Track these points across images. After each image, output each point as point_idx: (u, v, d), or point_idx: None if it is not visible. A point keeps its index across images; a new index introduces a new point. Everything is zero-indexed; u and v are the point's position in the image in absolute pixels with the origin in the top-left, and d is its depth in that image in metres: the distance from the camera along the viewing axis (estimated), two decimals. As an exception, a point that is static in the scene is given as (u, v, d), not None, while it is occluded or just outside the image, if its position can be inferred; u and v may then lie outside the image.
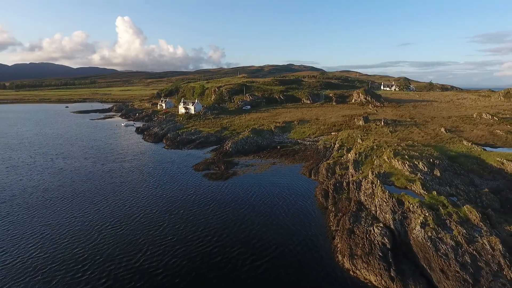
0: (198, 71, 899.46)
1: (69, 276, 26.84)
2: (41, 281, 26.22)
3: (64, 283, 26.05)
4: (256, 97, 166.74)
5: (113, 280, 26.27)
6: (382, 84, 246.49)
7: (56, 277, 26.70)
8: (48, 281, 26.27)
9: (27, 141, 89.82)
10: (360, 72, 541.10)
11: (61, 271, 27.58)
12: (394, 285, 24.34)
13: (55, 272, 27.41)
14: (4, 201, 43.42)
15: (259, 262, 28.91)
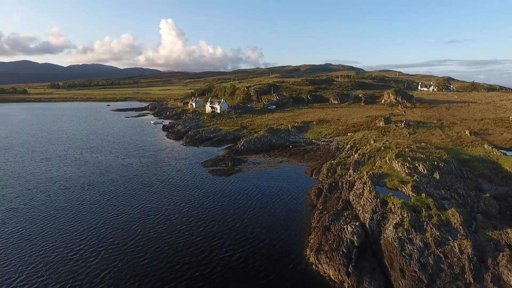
0: (235, 71, 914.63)
1: (69, 245, 30.65)
2: (46, 245, 30.25)
3: (67, 249, 29.85)
4: (283, 97, 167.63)
5: (105, 251, 29.60)
6: (420, 84, 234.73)
7: (52, 243, 30.64)
8: (49, 241, 30.25)
9: (65, 136, 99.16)
10: (401, 72, 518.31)
11: (62, 242, 31.50)
12: (349, 280, 25.03)
13: (53, 242, 31.40)
14: (30, 188, 49.33)
15: (236, 251, 30.79)
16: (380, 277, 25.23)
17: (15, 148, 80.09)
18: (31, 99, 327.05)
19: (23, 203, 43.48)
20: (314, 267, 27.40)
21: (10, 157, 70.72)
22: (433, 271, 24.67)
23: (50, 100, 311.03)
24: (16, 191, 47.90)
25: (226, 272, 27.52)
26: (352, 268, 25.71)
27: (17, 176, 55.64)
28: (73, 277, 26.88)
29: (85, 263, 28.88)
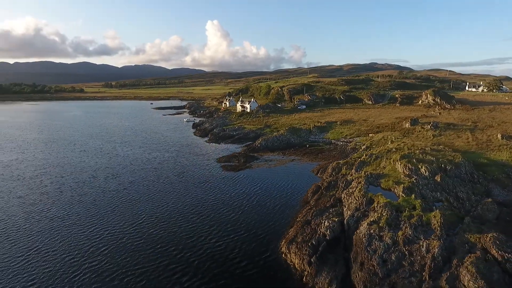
0: (277, 71, 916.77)
1: (85, 227, 35.63)
2: (65, 223, 35.46)
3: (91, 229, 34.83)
4: (315, 97, 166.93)
5: (114, 237, 34.06)
6: (468, 84, 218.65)
7: (68, 223, 35.76)
8: (69, 221, 35.39)
9: (105, 131, 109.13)
10: (452, 71, 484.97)
11: (77, 223, 36.60)
12: (309, 269, 26.56)
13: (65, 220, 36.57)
14: (63, 176, 56.36)
15: (221, 238, 33.57)
16: (341, 269, 26.43)
17: (61, 141, 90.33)
18: (86, 97, 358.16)
19: (55, 188, 50.17)
20: (284, 256, 29.26)
21: (55, 148, 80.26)
22: (392, 267, 25.39)
23: (103, 99, 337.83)
24: (52, 178, 55.10)
25: (207, 254, 30.36)
26: (315, 259, 27.19)
27: (56, 165, 63.55)
28: (87, 247, 31.51)
29: (93, 241, 33.48)
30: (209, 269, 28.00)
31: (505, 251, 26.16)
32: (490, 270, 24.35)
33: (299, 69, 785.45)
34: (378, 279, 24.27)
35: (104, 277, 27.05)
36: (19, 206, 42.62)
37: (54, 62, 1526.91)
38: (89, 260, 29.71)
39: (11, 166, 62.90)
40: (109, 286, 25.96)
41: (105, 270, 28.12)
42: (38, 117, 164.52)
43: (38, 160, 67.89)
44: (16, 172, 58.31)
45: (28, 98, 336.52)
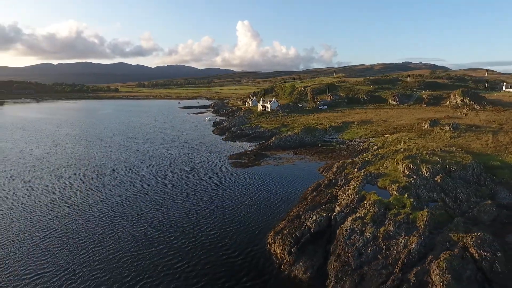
0: (305, 70, 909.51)
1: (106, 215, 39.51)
2: (86, 209, 39.50)
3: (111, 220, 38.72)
4: (338, 97, 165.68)
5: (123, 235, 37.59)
6: (505, 84, 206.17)
7: (89, 212, 39.72)
8: (88, 209, 39.39)
9: (131, 128, 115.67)
10: (492, 70, 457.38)
11: (90, 210, 40.55)
12: (288, 258, 28.19)
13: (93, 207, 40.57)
14: (86, 169, 61.46)
15: (217, 229, 35.91)
16: (319, 260, 27.83)
17: (90, 137, 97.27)
18: (120, 96, 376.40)
19: (78, 179, 55.04)
20: (269, 246, 31.06)
21: (84, 143, 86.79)
22: (366, 259, 26.46)
23: (135, 98, 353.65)
24: (76, 170, 60.30)
25: (201, 242, 32.81)
26: (295, 249, 28.77)
27: (82, 159, 69.16)
28: (96, 230, 35.19)
29: (102, 225, 37.13)
30: (199, 255, 30.42)
31: (484, 250, 26.41)
32: (463, 267, 24.79)
33: (328, 69, 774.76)
34: (350, 269, 25.49)
35: (107, 254, 30.29)
36: (44, 193, 47.54)
37: (93, 63, 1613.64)
38: (95, 240, 33.19)
39: (43, 158, 69.30)
40: (112, 262, 29.08)
41: (108, 247, 31.43)
42: (74, 114, 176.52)
43: (67, 153, 74.08)
44: (46, 164, 64.33)
45: (68, 97, 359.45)
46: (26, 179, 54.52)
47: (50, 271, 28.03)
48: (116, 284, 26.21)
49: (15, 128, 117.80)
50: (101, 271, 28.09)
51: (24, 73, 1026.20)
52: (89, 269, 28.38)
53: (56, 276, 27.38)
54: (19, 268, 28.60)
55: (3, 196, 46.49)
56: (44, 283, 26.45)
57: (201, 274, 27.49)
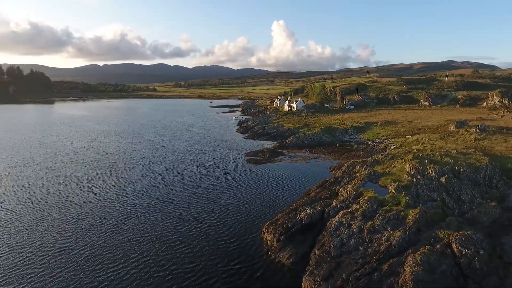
0: (341, 70, 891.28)
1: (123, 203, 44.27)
2: (114, 198, 44.47)
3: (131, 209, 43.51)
4: (367, 97, 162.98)
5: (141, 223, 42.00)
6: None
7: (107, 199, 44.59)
8: (116, 198, 44.30)
9: (162, 126, 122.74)
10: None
11: (116, 200, 45.39)
12: (276, 245, 30.45)
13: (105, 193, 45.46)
14: (115, 161, 67.45)
15: (220, 218, 38.94)
16: (304, 248, 29.78)
17: (124, 133, 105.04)
18: (157, 96, 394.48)
19: (107, 171, 60.77)
20: (262, 234, 33.46)
21: (116, 139, 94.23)
22: (347, 250, 28.04)
23: (171, 97, 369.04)
24: (107, 163, 66.40)
25: (203, 229, 35.99)
26: (284, 237, 30.95)
27: (113, 153, 75.65)
28: (115, 215, 39.78)
29: (122, 211, 41.69)
30: (200, 240, 33.52)
31: (466, 247, 26.97)
32: (439, 261, 25.63)
33: (364, 68, 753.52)
34: (329, 257, 27.27)
35: (122, 234, 34.43)
36: (76, 182, 53.45)
37: (135, 64, 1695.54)
38: (113, 222, 37.58)
39: (80, 151, 76.72)
40: (125, 240, 33.13)
41: (123, 228, 35.61)
42: (113, 112, 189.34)
43: (101, 148, 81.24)
44: (82, 157, 71.35)
45: (110, 96, 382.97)
46: (63, 169, 61.25)
47: (72, 245, 32.57)
48: (125, 256, 30.03)
49: (60, 124, 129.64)
50: (115, 246, 32.14)
51: (73, 74, 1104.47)
52: (105, 244, 32.58)
53: (77, 247, 31.84)
54: (49, 240, 33.49)
55: (43, 183, 52.98)
56: (69, 252, 30.94)
57: (198, 255, 30.58)
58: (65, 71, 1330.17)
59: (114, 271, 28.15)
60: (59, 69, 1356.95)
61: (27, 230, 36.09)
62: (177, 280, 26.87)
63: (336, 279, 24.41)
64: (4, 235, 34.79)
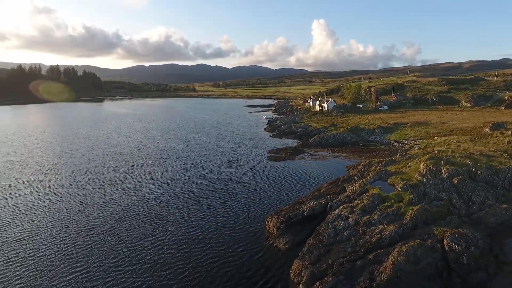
0: (383, 70, 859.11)
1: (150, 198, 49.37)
2: (139, 190, 49.77)
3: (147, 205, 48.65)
4: (403, 97, 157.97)
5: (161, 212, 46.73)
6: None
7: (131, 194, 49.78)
8: (140, 190, 49.55)
9: (194, 123, 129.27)
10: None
11: (141, 191, 50.55)
12: (275, 232, 32.97)
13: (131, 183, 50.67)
14: (148, 155, 73.59)
15: (233, 208, 42.29)
16: (301, 236, 31.96)
17: (159, 130, 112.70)
18: (196, 95, 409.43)
19: (140, 163, 66.73)
20: (266, 223, 36.11)
21: (152, 135, 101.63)
22: (340, 239, 29.85)
23: (208, 96, 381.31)
24: (140, 156, 72.67)
25: (216, 217, 39.50)
26: (283, 226, 33.37)
27: (146, 147, 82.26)
28: (139, 201, 44.78)
29: (150, 199, 46.59)
30: (210, 226, 36.91)
31: (457, 244, 27.66)
32: (427, 254, 26.65)
33: (407, 67, 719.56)
34: (321, 245, 29.32)
35: (146, 219, 38.98)
36: (112, 172, 59.71)
37: (177, 65, 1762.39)
38: (139, 207, 42.40)
39: (119, 145, 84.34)
40: (149, 224, 37.60)
41: (148, 213, 40.17)
42: (153, 110, 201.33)
43: (137, 142, 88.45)
44: (119, 150, 78.59)
45: (153, 95, 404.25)
46: (102, 161, 68.30)
47: (102, 224, 37.64)
48: (146, 233, 34.35)
49: (105, 120, 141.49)
50: (139, 226, 36.66)
51: (122, 74, 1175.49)
52: (130, 224, 37.26)
53: (106, 226, 36.81)
54: (83, 220, 38.95)
55: (84, 172, 59.87)
56: (99, 230, 35.98)
57: (206, 238, 34.04)
58: (115, 71, 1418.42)
59: (137, 244, 32.48)
60: (109, 69, 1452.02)
61: (67, 210, 41.99)
62: (184, 256, 30.50)
63: (322, 264, 26.50)
64: (48, 214, 40.89)
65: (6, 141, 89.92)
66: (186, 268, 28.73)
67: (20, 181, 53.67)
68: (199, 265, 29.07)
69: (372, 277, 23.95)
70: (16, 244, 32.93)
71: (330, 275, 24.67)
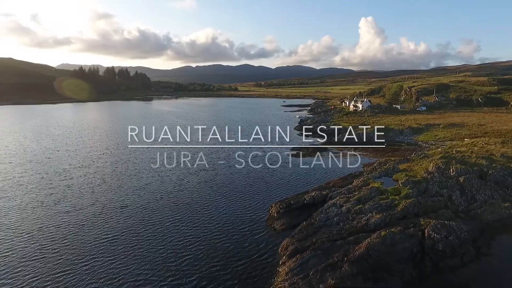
0: (435, 69, 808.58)
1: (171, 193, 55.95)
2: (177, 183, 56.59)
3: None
4: (444, 98, 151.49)
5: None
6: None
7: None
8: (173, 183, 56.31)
9: (229, 121, 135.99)
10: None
11: (171, 187, 57.20)
12: (275, 215, 37.00)
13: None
14: (180, 150, 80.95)
15: (246, 195, 47.04)
16: (297, 220, 35.51)
17: (193, 127, 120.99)
18: (237, 95, 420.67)
19: (171, 156, 74.22)
20: (270, 209, 40.22)
21: (187, 131, 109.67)
22: (329, 223, 33.17)
23: (249, 96, 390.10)
24: (174, 151, 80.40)
25: (227, 202, 44.39)
26: (283, 210, 37.27)
27: (180, 142, 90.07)
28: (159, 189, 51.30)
29: (177, 184, 53.00)
30: (223, 210, 41.83)
31: (437, 232, 29.78)
32: (404, 240, 29.14)
33: (463, 66, 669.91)
34: (311, 227, 32.89)
35: (175, 200, 45.16)
36: (147, 162, 67.56)
37: (222, 65, 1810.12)
38: (168, 190, 48.83)
39: (155, 140, 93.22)
40: (175, 205, 43.69)
41: (175, 198, 46.34)
42: (193, 109, 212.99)
43: (174, 138, 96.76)
44: (155, 143, 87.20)
45: (197, 94, 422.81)
46: (140, 153, 76.86)
47: (133, 204, 44.50)
48: (170, 212, 40.31)
49: (149, 116, 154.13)
50: (167, 207, 42.81)
51: (171, 75, 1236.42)
52: (157, 206, 43.65)
53: (137, 206, 43.49)
54: (117, 200, 46.18)
55: (126, 161, 68.42)
56: (129, 211, 42.78)
57: (216, 218, 38.94)
58: (164, 72, 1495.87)
59: (163, 222, 38.55)
60: (159, 70, 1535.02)
61: (110, 192, 49.67)
62: (193, 231, 35.83)
63: (307, 242, 30.18)
64: (93, 192, 48.85)
65: (66, 133, 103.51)
66: (194, 238, 34.01)
67: (75, 167, 63.39)
68: (205, 239, 34.10)
69: (346, 253, 27.16)
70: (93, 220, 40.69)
71: (310, 250, 28.32)
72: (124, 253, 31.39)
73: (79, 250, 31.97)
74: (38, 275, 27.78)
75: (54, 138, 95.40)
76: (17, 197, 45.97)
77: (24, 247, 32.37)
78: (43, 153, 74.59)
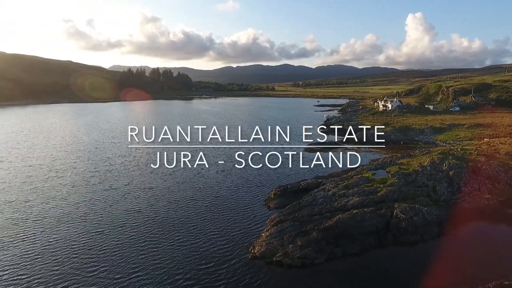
0: (490, 67, 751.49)
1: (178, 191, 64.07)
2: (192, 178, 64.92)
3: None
4: (482, 98, 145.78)
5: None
6: None
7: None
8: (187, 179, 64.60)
9: (258, 120, 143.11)
10: None
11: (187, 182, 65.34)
12: (272, 196, 43.10)
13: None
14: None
15: (250, 184, 53.57)
16: (289, 201, 41.15)
17: (224, 124, 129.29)
18: (273, 94, 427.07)
19: (194, 150, 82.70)
20: (269, 193, 46.32)
21: (217, 128, 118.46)
22: (314, 203, 38.62)
23: (285, 96, 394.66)
24: (199, 146, 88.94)
25: (236, 191, 51.21)
26: (279, 193, 43.24)
27: (206, 138, 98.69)
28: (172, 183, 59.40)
29: (192, 178, 61.03)
30: (232, 195, 48.34)
31: (404, 213, 34.17)
32: (373, 218, 33.91)
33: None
34: (298, 206, 38.62)
35: (193, 189, 53.05)
36: (175, 155, 76.59)
37: (262, 65, 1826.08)
38: (184, 180, 56.87)
39: (187, 135, 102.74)
40: (188, 192, 51.50)
41: (192, 188, 54.21)
42: (228, 108, 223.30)
43: (204, 134, 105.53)
44: (180, 138, 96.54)
45: (235, 94, 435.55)
46: (172, 148, 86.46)
47: (151, 195, 53.00)
48: (182, 198, 48.05)
49: (187, 115, 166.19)
50: (183, 195, 50.82)
51: (212, 75, 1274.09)
52: (173, 195, 51.76)
53: (158, 193, 51.90)
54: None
55: (160, 151, 78.23)
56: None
57: (225, 201, 45.54)
58: (206, 72, 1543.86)
59: (175, 211, 46.44)
60: (201, 71, 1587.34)
61: (144, 175, 58.88)
62: (195, 209, 43.06)
63: (290, 216, 36.07)
64: (129, 176, 58.27)
65: (113, 127, 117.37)
66: (198, 209, 41.29)
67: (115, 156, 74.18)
68: (208, 215, 41.09)
69: (317, 225, 32.67)
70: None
71: (289, 220, 34.24)
72: (149, 233, 39.55)
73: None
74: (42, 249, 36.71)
75: (102, 132, 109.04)
76: (69, 177, 56.70)
77: (71, 218, 41.88)
78: (92, 144, 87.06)
